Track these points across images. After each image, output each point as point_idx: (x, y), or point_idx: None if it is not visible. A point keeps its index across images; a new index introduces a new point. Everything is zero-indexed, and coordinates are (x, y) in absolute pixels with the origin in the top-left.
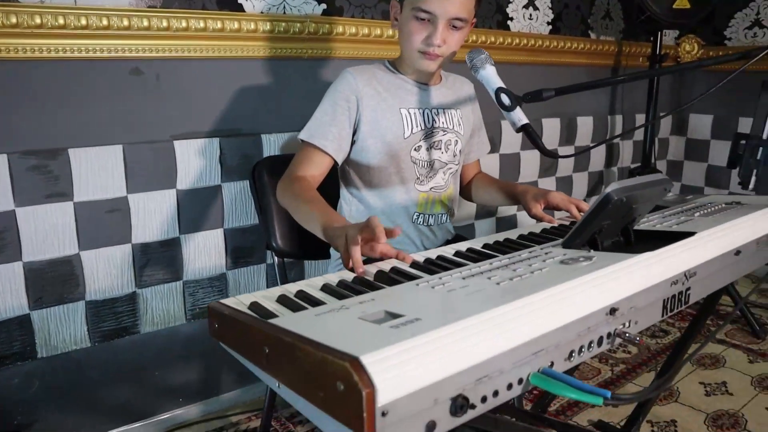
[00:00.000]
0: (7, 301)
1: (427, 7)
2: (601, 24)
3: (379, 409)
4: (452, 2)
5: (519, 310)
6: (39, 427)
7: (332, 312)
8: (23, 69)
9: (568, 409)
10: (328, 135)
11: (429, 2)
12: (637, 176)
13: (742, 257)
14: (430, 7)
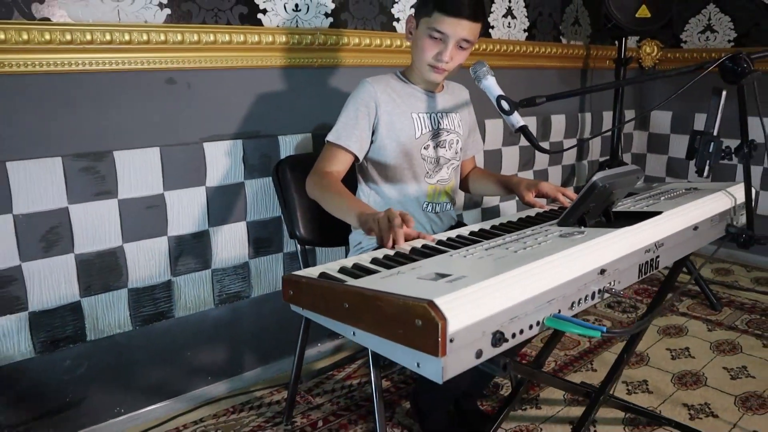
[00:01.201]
0: (62, 290)
1: (441, 28)
2: (571, 30)
3: (449, 336)
4: (463, 26)
5: (536, 269)
6: (87, 403)
7: (392, 275)
8: (74, 81)
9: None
10: (352, 136)
11: (443, 24)
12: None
13: (699, 232)
14: (443, 29)
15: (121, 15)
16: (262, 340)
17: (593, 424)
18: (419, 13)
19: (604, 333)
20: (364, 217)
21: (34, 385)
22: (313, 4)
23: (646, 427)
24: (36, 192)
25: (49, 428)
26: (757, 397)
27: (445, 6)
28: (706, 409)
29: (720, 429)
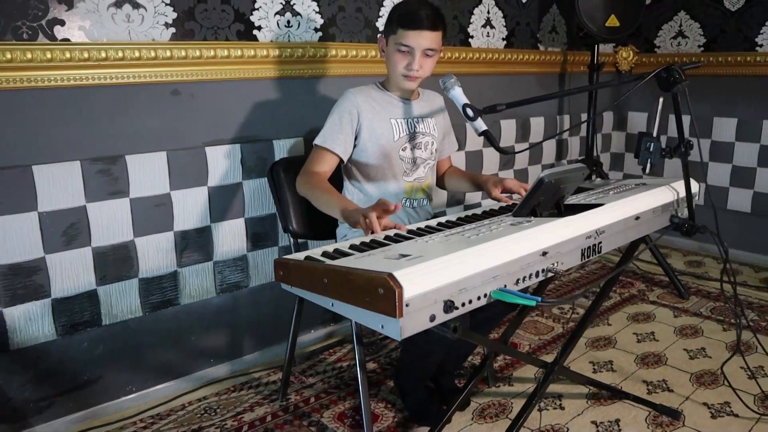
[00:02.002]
0: (80, 279)
1: (406, 41)
2: (548, 37)
3: (405, 301)
4: (425, 37)
5: (483, 250)
6: (102, 381)
7: (364, 256)
8: (91, 93)
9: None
10: (337, 140)
11: (408, 38)
12: (563, 165)
13: (641, 221)
14: (408, 42)
15: (132, 34)
16: (260, 325)
17: (559, 398)
18: (387, 32)
19: (539, 302)
20: (347, 212)
21: (56, 364)
22: (304, 20)
23: (607, 400)
24: (58, 192)
25: (70, 403)
26: (710, 374)
27: (407, 22)
28: (663, 385)
29: (673, 401)
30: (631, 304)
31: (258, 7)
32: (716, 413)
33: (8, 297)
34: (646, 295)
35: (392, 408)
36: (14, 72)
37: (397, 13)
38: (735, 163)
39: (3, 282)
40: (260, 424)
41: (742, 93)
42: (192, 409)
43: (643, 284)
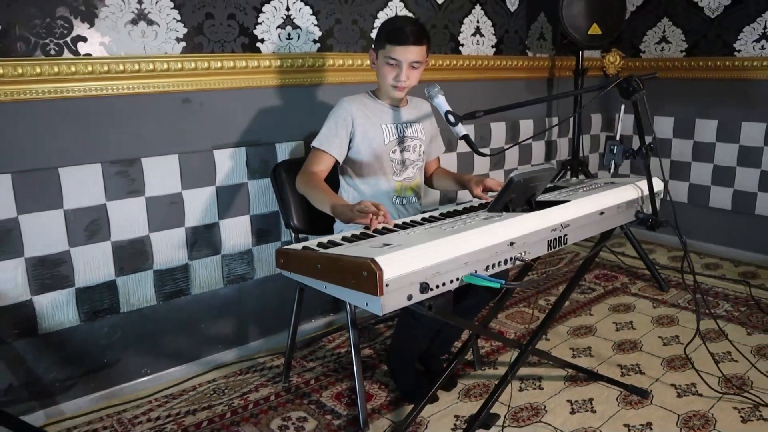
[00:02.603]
0: (101, 270)
1: (394, 55)
2: (537, 44)
3: (385, 281)
4: (411, 51)
5: (454, 239)
6: (120, 364)
7: (352, 246)
8: (110, 102)
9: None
10: (333, 143)
11: (395, 52)
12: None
13: (605, 216)
14: (396, 56)
15: (147, 49)
16: (264, 314)
17: (539, 380)
18: (377, 47)
19: (503, 284)
20: (338, 209)
21: (79, 347)
22: (304, 32)
23: (583, 382)
24: (81, 191)
25: (92, 383)
26: (681, 359)
27: (394, 38)
28: (636, 368)
29: (644, 383)
30: (613, 296)
31: (261, 21)
32: (682, 393)
33: (37, 286)
34: (628, 287)
35: (385, 389)
36: (43, 84)
37: (385, 29)
38: (716, 163)
39: (33, 272)
40: (264, 403)
41: (722, 96)
42: (202, 390)
43: (627, 278)
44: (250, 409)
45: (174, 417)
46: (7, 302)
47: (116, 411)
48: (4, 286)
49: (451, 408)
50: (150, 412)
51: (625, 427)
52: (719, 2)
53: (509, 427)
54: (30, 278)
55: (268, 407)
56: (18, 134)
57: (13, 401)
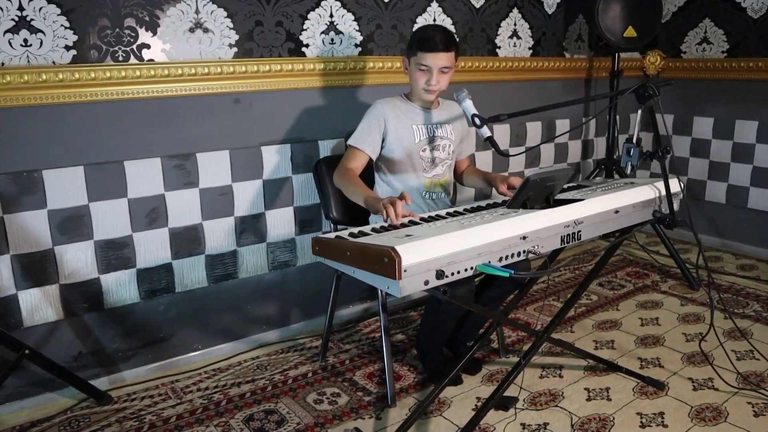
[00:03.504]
0: (159, 254)
1: (424, 62)
2: (574, 45)
3: (403, 267)
4: (440, 57)
5: (469, 232)
6: (174, 339)
7: (379, 236)
8: (169, 103)
9: None
10: (366, 142)
11: (426, 59)
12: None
13: (621, 215)
14: (426, 62)
15: (202, 54)
16: (305, 299)
17: (560, 368)
18: (409, 53)
19: (512, 274)
20: (370, 201)
21: (138, 322)
22: (346, 37)
23: (602, 372)
24: (143, 182)
25: (149, 354)
26: (701, 354)
27: (424, 46)
28: (656, 362)
29: (661, 375)
30: (642, 293)
31: (306, 28)
32: (698, 386)
33: (104, 266)
34: (658, 285)
35: (414, 371)
36: (111, 87)
37: (416, 38)
38: (756, 164)
39: (100, 253)
40: (302, 379)
41: (764, 97)
42: (247, 365)
43: (658, 276)
44: (289, 383)
45: (221, 388)
46: (78, 279)
47: (170, 380)
48: (76, 264)
49: (473, 390)
50: (200, 382)
51: (638, 416)
52: (762, 2)
53: (527, 409)
54: (98, 259)
55: (305, 383)
56: (89, 131)
57: (81, 367)
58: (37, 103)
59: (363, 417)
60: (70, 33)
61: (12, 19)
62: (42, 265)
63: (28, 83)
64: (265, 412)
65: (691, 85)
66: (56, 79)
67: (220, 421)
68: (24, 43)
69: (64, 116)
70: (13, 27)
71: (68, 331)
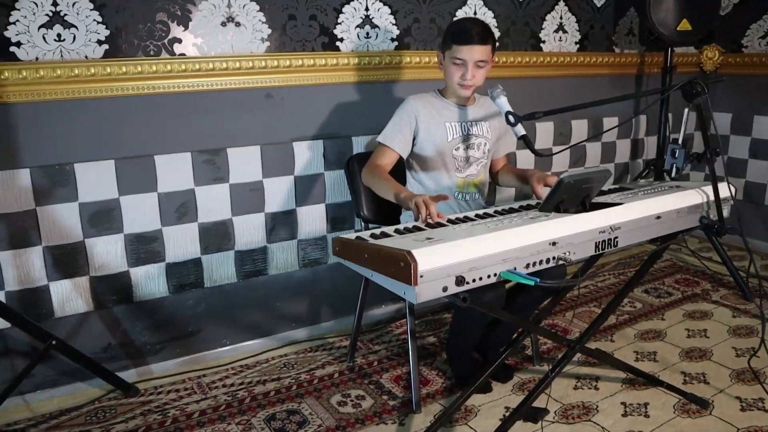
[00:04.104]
0: (188, 248)
1: (460, 56)
2: (625, 40)
3: (419, 272)
4: (475, 50)
5: (492, 237)
6: (203, 334)
7: (399, 238)
8: (200, 97)
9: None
10: (396, 139)
11: (461, 52)
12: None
13: (663, 221)
14: (461, 56)
15: (234, 48)
16: (335, 298)
17: (596, 380)
18: (443, 47)
19: (537, 282)
20: (400, 196)
21: (167, 316)
22: (382, 31)
23: (641, 386)
24: (173, 177)
25: (177, 348)
26: (751, 372)
27: (459, 39)
28: (701, 377)
29: (706, 393)
30: (691, 302)
31: (340, 21)
32: (746, 407)
33: (133, 259)
34: (709, 294)
35: (443, 375)
36: (143, 81)
37: (451, 31)
38: None
39: (130, 247)
40: (328, 379)
41: None
42: (274, 363)
43: (710, 284)
44: (314, 383)
45: (246, 385)
46: (108, 272)
47: (197, 375)
48: (107, 257)
49: (503, 399)
50: (226, 378)
51: None
52: None
53: (557, 422)
54: (128, 252)
55: (330, 383)
56: (120, 126)
57: (110, 358)
58: (70, 97)
59: (386, 422)
60: (103, 28)
61: (46, 14)
62: (73, 257)
63: (60, 78)
64: (288, 412)
65: (752, 81)
66: (88, 73)
67: (242, 419)
68: (57, 38)
69: (96, 110)
70: (47, 22)
71: (98, 323)
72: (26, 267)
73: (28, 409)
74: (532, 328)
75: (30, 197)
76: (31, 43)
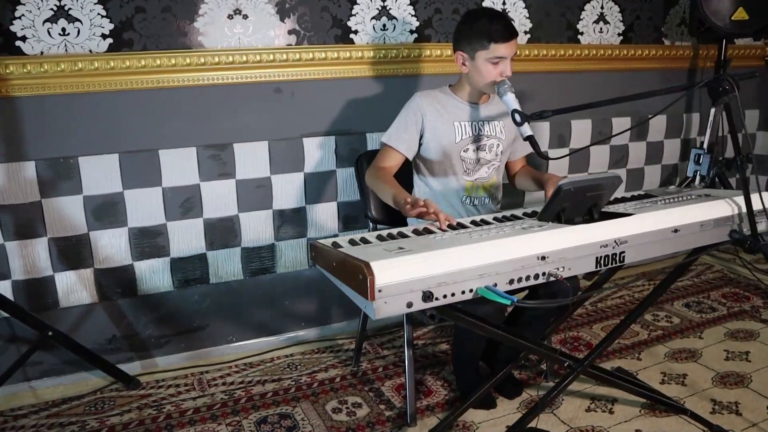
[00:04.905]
0: (193, 243)
1: (500, 53)
2: (676, 31)
3: (376, 287)
4: (512, 45)
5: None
6: (208, 329)
7: (372, 247)
8: (205, 91)
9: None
10: (401, 139)
11: (501, 50)
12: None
13: (682, 234)
14: (502, 53)
15: (241, 42)
16: (347, 298)
17: (612, 402)
18: (473, 48)
19: (513, 302)
20: (396, 198)
21: (172, 310)
22: (399, 22)
23: (662, 413)
24: (177, 171)
25: (182, 343)
26: None
27: (498, 37)
28: (733, 407)
29: (736, 426)
30: (736, 320)
31: (355, 13)
32: None
33: (138, 253)
34: (759, 312)
35: (448, 387)
36: (146, 75)
37: (481, 30)
38: None
39: (134, 241)
40: (328, 383)
41: None
42: (278, 363)
43: (761, 300)
44: (313, 387)
45: (245, 384)
46: (112, 264)
47: (200, 371)
48: (111, 250)
49: (506, 417)
50: (227, 376)
51: None
52: None
53: None
54: (132, 246)
55: (330, 388)
56: (124, 120)
57: (115, 350)
58: (74, 91)
59: None
60: (107, 21)
61: (51, 9)
62: (77, 249)
63: (64, 72)
64: (280, 416)
65: None
66: (91, 67)
67: (233, 420)
68: (62, 32)
69: (100, 104)
70: (52, 16)
71: (103, 315)
72: (32, 257)
73: (34, 395)
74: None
75: (35, 189)
76: (36, 38)
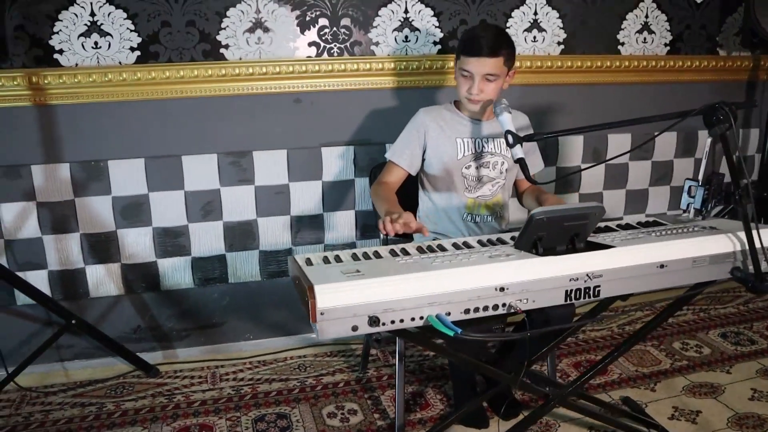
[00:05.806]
0: (213, 245)
1: (467, 67)
2: (732, 41)
3: (318, 309)
4: (484, 63)
5: (419, 277)
6: (226, 326)
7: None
8: (227, 101)
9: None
10: (404, 155)
11: (468, 64)
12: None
13: (668, 270)
14: (468, 68)
15: (262, 54)
16: None
17: None
18: (456, 57)
19: (457, 334)
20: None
21: (192, 306)
22: (422, 34)
23: None
24: (199, 176)
25: (201, 337)
26: None
27: (467, 50)
28: None
29: None
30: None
31: (376, 25)
32: None
33: (161, 251)
34: None
35: (446, 401)
36: (169, 86)
37: (461, 39)
38: None
39: (158, 240)
40: (331, 388)
41: None
42: (290, 363)
43: None
44: (316, 390)
45: (254, 381)
46: (138, 261)
47: (215, 365)
48: (136, 248)
49: None
50: (239, 372)
51: None
52: None
53: None
54: (156, 244)
55: (332, 392)
56: (150, 127)
57: (139, 339)
58: (104, 100)
59: None
60: (135, 35)
61: (85, 24)
62: (106, 244)
63: (95, 82)
64: (277, 416)
65: None
66: (119, 78)
67: (233, 416)
68: (95, 45)
69: (128, 112)
70: (86, 31)
71: (129, 306)
72: (66, 250)
73: (66, 375)
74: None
75: (69, 189)
76: (72, 51)
